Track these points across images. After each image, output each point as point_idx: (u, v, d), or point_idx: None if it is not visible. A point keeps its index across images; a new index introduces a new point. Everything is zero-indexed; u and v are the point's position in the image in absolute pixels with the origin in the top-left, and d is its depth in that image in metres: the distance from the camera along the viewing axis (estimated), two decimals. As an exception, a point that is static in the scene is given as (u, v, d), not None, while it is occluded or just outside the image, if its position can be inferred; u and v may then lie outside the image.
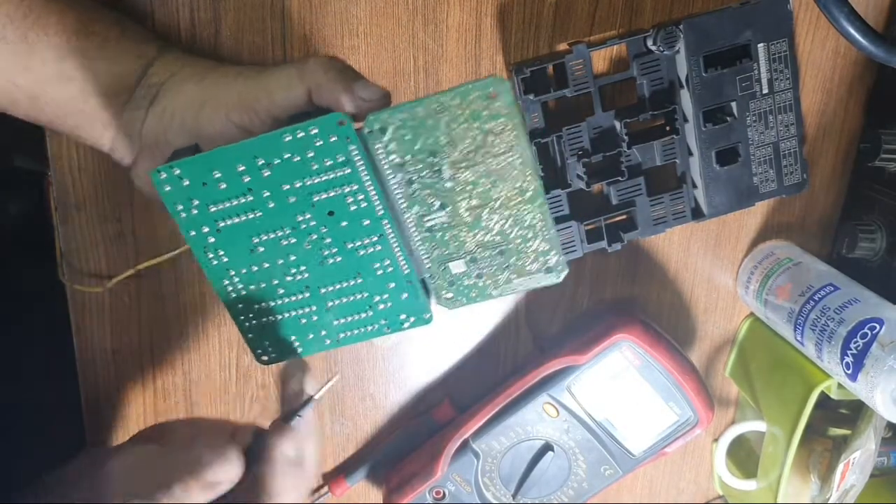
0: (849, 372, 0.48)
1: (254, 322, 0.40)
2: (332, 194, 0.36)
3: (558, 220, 0.51)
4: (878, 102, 0.55)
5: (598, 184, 0.51)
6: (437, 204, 0.37)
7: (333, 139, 0.35)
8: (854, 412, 0.58)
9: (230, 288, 0.39)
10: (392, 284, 0.39)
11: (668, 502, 0.66)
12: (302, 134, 0.35)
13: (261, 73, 0.40)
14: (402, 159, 0.36)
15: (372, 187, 0.36)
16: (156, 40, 0.43)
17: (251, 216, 0.37)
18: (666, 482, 0.65)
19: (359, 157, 0.35)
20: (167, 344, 0.53)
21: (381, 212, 0.37)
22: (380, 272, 0.39)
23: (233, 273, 0.39)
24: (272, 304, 0.40)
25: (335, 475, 0.59)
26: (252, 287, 0.39)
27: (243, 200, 0.37)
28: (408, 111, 0.34)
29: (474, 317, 0.57)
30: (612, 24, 0.51)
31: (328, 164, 0.35)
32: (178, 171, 0.36)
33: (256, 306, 0.40)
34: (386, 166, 0.36)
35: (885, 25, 0.54)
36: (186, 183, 0.36)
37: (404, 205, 0.37)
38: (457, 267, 0.39)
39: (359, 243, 0.38)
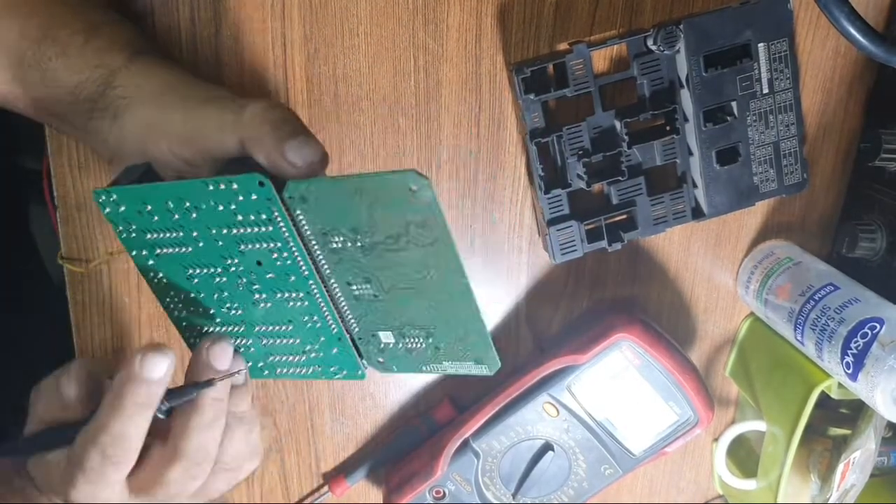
0: (849, 371, 0.48)
1: (198, 340, 0.40)
2: (257, 247, 0.36)
3: (559, 220, 0.51)
4: (878, 102, 0.55)
5: (599, 183, 0.51)
6: (362, 277, 0.36)
7: (254, 198, 0.34)
8: (854, 412, 0.58)
9: (172, 306, 0.39)
10: (322, 338, 0.38)
11: (667, 502, 0.66)
12: (223, 187, 0.34)
13: (203, 106, 0.38)
14: (325, 229, 0.34)
15: (295, 248, 0.35)
16: (127, 48, 0.40)
17: (182, 250, 0.37)
18: (666, 482, 0.65)
19: (280, 219, 0.34)
20: (167, 344, 0.53)
21: (307, 273, 0.36)
22: (308, 325, 0.38)
23: (174, 294, 0.39)
24: (212, 329, 0.40)
25: (335, 475, 0.59)
26: (192, 310, 0.39)
27: (174, 235, 0.36)
28: (327, 187, 0.33)
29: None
30: (613, 24, 0.51)
31: (252, 218, 0.34)
32: (114, 197, 0.36)
33: (199, 328, 0.40)
34: (308, 232, 0.35)
35: (885, 25, 0.54)
36: (123, 208, 0.36)
37: (329, 271, 0.36)
38: (386, 337, 0.38)
39: (286, 295, 0.37)
